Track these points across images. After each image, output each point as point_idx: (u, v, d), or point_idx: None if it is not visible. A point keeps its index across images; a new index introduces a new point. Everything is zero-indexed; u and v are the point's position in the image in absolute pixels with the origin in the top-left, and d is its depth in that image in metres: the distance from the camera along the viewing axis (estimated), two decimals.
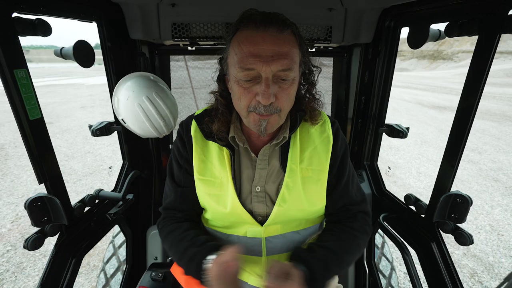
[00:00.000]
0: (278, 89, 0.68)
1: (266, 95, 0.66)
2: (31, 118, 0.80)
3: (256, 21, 0.66)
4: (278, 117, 0.72)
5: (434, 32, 0.98)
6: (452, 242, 1.03)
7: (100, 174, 4.16)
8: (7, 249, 2.55)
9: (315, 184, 0.81)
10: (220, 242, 0.82)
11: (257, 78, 0.67)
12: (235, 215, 0.80)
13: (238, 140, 0.80)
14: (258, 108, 0.69)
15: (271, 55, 0.64)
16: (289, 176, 0.79)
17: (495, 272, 2.36)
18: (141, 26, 1.15)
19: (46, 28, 0.81)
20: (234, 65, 0.68)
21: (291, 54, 0.67)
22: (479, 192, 3.74)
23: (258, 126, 0.72)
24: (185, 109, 5.16)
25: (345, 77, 1.51)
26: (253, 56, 0.64)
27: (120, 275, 1.43)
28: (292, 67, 0.67)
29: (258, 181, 0.81)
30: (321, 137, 0.84)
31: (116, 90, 1.08)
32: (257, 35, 0.65)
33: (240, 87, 0.69)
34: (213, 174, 0.82)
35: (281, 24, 0.66)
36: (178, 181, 0.88)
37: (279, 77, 0.67)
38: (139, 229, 1.46)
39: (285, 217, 0.81)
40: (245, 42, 0.66)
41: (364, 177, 1.48)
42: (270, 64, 0.64)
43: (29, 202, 0.83)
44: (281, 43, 0.65)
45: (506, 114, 8.57)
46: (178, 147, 0.87)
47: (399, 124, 1.32)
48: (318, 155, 0.82)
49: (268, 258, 0.84)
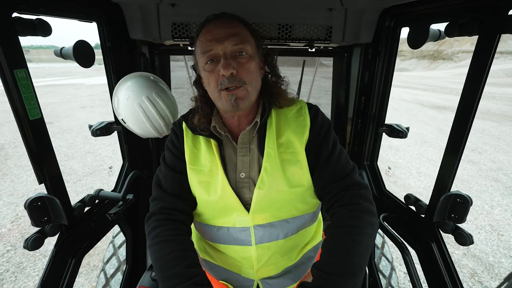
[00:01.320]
0: (237, 64, 0.77)
1: (225, 66, 0.74)
2: (31, 118, 0.80)
3: (209, 19, 0.81)
4: (246, 91, 0.79)
5: (434, 32, 0.98)
6: (452, 242, 1.03)
7: (100, 174, 4.16)
8: (7, 249, 2.55)
9: (294, 165, 0.83)
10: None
11: (217, 57, 0.77)
12: (224, 199, 0.83)
13: (219, 129, 0.85)
14: (223, 83, 0.77)
15: (224, 35, 0.76)
16: (267, 161, 0.82)
17: (495, 272, 2.36)
18: (141, 26, 1.16)
19: (46, 28, 0.81)
20: (199, 56, 0.81)
21: (241, 33, 0.79)
22: (479, 192, 3.74)
23: (229, 101, 0.78)
24: (185, 109, 5.10)
25: (345, 77, 1.51)
26: (210, 40, 0.77)
27: (120, 275, 1.43)
28: (244, 41, 0.78)
29: (242, 167, 0.85)
30: (297, 120, 0.87)
31: (116, 90, 1.08)
32: (211, 26, 0.79)
33: (206, 71, 0.79)
34: (203, 163, 0.86)
35: (229, 16, 0.82)
36: (174, 168, 0.89)
37: (235, 52, 0.77)
38: (139, 229, 1.46)
39: (267, 199, 0.82)
40: (203, 34, 0.79)
41: (364, 177, 1.49)
42: (224, 42, 0.76)
43: (29, 202, 0.83)
44: (231, 26, 0.78)
45: (506, 114, 8.57)
46: (172, 141, 0.93)
47: (399, 124, 1.32)
48: (294, 137, 0.85)
49: (258, 247, 0.85)
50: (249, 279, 0.91)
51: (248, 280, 0.91)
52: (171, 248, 0.75)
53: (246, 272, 0.90)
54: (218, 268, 0.95)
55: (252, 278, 0.91)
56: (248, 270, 0.90)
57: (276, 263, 0.90)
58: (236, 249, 0.88)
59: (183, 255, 0.75)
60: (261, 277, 0.90)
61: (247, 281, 0.91)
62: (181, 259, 0.74)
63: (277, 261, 0.90)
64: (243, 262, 0.89)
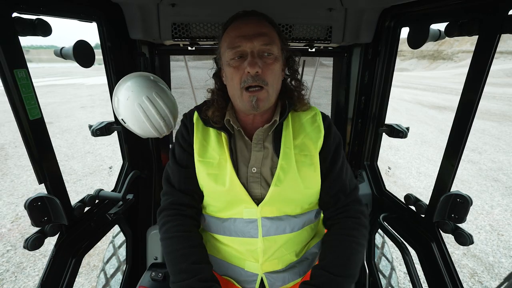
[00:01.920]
0: (263, 64, 0.78)
1: (252, 64, 0.76)
2: (31, 118, 0.80)
3: (239, 15, 0.83)
4: (266, 93, 0.80)
5: (434, 32, 0.98)
6: (452, 242, 1.03)
7: (100, 174, 4.16)
8: (7, 249, 2.54)
9: (308, 167, 0.86)
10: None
11: (244, 55, 0.79)
12: (232, 192, 0.85)
13: (233, 123, 0.87)
14: (247, 80, 0.78)
15: (253, 34, 0.77)
16: (284, 159, 0.85)
17: (495, 272, 2.36)
18: (141, 26, 1.15)
19: (46, 28, 0.81)
20: (225, 51, 0.81)
21: (270, 34, 0.80)
22: (479, 192, 3.74)
23: (250, 102, 0.80)
24: (185, 109, 5.10)
25: (345, 77, 1.51)
26: (238, 37, 0.78)
27: (120, 275, 1.43)
28: (272, 42, 0.79)
29: (254, 162, 0.87)
30: (312, 126, 0.91)
31: (116, 90, 1.08)
32: (240, 23, 0.80)
33: (231, 67, 0.80)
34: (212, 156, 0.88)
35: (260, 15, 0.83)
36: (181, 163, 0.91)
37: (263, 52, 0.78)
38: (139, 229, 1.46)
39: (282, 197, 0.85)
40: (231, 29, 0.81)
41: (364, 177, 1.48)
42: (253, 40, 0.77)
43: (29, 202, 0.83)
44: (261, 25, 0.80)
45: (506, 114, 8.57)
46: (182, 133, 0.94)
47: (399, 124, 1.32)
48: (310, 141, 0.88)
49: (264, 239, 0.86)
50: (252, 273, 0.90)
51: (251, 275, 0.90)
52: (180, 244, 0.82)
53: (250, 266, 0.90)
54: (221, 263, 0.94)
55: (256, 272, 0.90)
56: (252, 263, 0.89)
57: (281, 257, 0.90)
58: (242, 241, 0.88)
59: (190, 252, 0.81)
60: (266, 271, 0.90)
61: (251, 275, 0.90)
62: (189, 256, 0.80)
63: (283, 255, 0.90)
64: (247, 255, 0.89)
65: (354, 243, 0.82)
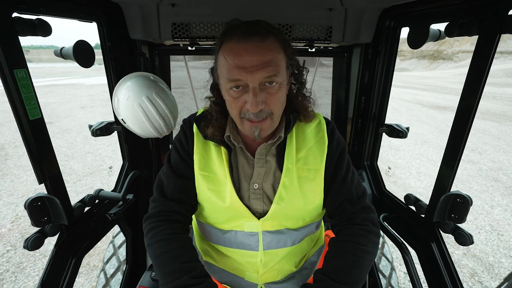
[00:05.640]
0: (266, 95, 0.71)
1: (254, 104, 0.69)
2: (31, 118, 0.80)
3: (238, 34, 0.69)
4: (271, 121, 0.75)
5: (434, 32, 0.98)
6: (452, 242, 1.03)
7: (100, 174, 4.16)
8: (7, 249, 2.54)
9: (310, 183, 0.83)
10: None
11: (245, 87, 0.70)
12: (233, 209, 0.82)
13: (234, 140, 0.82)
14: (249, 115, 0.72)
15: (255, 65, 0.67)
16: (286, 176, 0.81)
17: (495, 272, 2.36)
18: (141, 26, 1.15)
19: (46, 28, 0.81)
20: (223, 77, 0.73)
21: (275, 61, 0.69)
22: (479, 192, 3.74)
23: (252, 132, 0.75)
24: (185, 109, 5.15)
25: (345, 77, 1.51)
26: (238, 68, 0.67)
27: (120, 275, 1.43)
28: (277, 73, 0.69)
29: (256, 178, 0.84)
30: (316, 137, 0.86)
31: (116, 90, 1.08)
32: (240, 47, 0.68)
33: (230, 97, 0.73)
34: (212, 170, 0.84)
35: (263, 32, 0.69)
36: (177, 172, 0.87)
37: (266, 83, 0.70)
38: (139, 229, 1.46)
39: (283, 213, 0.83)
40: (229, 54, 0.69)
41: (364, 177, 1.48)
42: (255, 74, 0.67)
43: (29, 202, 0.83)
44: (263, 51, 0.68)
45: (506, 114, 8.57)
46: (181, 141, 0.89)
47: (399, 124, 1.32)
48: (313, 155, 0.84)
49: (265, 253, 0.85)
50: (252, 283, 0.90)
51: (251, 285, 0.91)
52: (168, 246, 0.77)
53: (250, 276, 0.90)
54: (220, 271, 0.94)
55: (256, 282, 0.90)
56: (252, 274, 0.89)
57: (281, 268, 0.90)
58: (242, 254, 0.87)
59: (181, 252, 0.76)
60: (265, 281, 0.90)
61: (250, 285, 0.91)
62: (179, 256, 0.75)
63: (282, 266, 0.90)
64: (248, 267, 0.89)
65: (359, 250, 0.77)
